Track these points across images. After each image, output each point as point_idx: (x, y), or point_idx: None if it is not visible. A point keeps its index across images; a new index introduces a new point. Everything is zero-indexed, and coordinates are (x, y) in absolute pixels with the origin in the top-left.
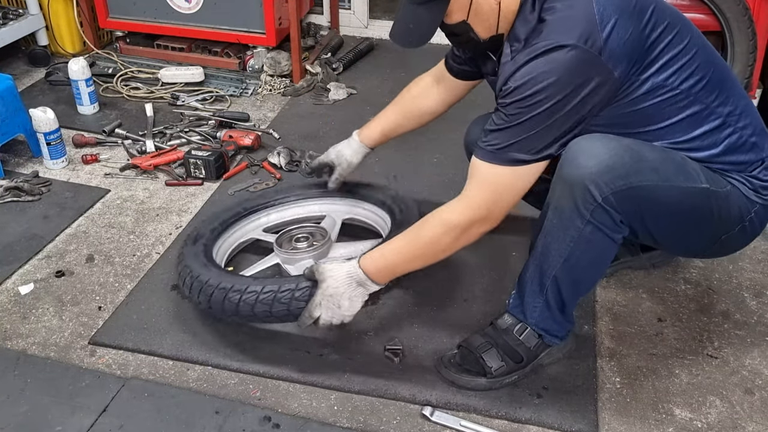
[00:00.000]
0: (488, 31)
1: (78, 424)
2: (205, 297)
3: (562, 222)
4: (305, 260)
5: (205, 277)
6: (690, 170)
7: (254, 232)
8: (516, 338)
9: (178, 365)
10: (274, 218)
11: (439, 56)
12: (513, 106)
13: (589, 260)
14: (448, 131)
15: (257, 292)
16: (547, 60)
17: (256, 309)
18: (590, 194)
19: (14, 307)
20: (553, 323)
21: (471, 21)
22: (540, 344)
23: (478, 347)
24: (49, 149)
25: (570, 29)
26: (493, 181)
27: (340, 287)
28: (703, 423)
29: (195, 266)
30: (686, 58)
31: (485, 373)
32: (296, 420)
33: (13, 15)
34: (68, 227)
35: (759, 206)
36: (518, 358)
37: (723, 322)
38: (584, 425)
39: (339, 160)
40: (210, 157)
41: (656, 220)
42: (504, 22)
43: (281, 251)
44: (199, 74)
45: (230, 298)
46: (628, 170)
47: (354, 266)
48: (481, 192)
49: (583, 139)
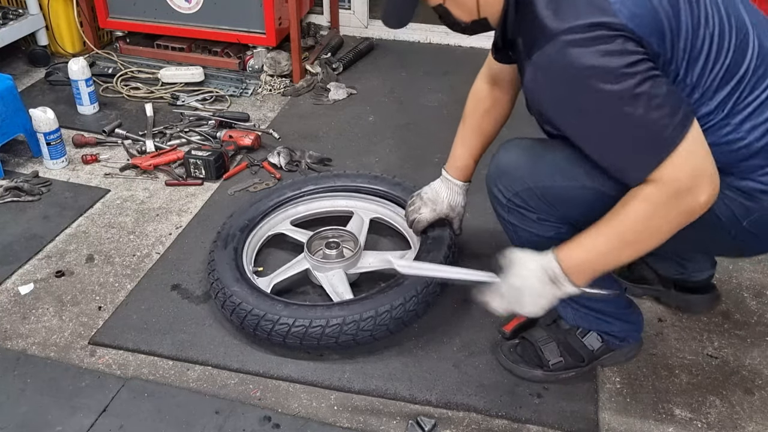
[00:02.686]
0: (469, 15)
1: (78, 424)
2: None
3: (502, 225)
4: (335, 269)
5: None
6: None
7: (282, 225)
8: (578, 340)
9: (178, 365)
10: (302, 210)
11: (438, 56)
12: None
13: None
14: (448, 131)
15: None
16: (573, 50)
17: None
18: (495, 197)
19: (14, 307)
20: (600, 323)
21: (448, 4)
22: (603, 347)
23: (539, 339)
24: (49, 149)
25: (582, 13)
26: (683, 149)
27: (527, 280)
28: (703, 423)
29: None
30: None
31: (542, 365)
32: (296, 420)
33: (13, 15)
34: (68, 227)
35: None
36: (579, 358)
37: (723, 322)
38: (584, 425)
39: (455, 209)
40: (210, 157)
41: (585, 219)
42: (486, 5)
43: (311, 257)
44: (199, 74)
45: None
46: (523, 173)
47: (550, 259)
48: (670, 172)
49: (503, 143)
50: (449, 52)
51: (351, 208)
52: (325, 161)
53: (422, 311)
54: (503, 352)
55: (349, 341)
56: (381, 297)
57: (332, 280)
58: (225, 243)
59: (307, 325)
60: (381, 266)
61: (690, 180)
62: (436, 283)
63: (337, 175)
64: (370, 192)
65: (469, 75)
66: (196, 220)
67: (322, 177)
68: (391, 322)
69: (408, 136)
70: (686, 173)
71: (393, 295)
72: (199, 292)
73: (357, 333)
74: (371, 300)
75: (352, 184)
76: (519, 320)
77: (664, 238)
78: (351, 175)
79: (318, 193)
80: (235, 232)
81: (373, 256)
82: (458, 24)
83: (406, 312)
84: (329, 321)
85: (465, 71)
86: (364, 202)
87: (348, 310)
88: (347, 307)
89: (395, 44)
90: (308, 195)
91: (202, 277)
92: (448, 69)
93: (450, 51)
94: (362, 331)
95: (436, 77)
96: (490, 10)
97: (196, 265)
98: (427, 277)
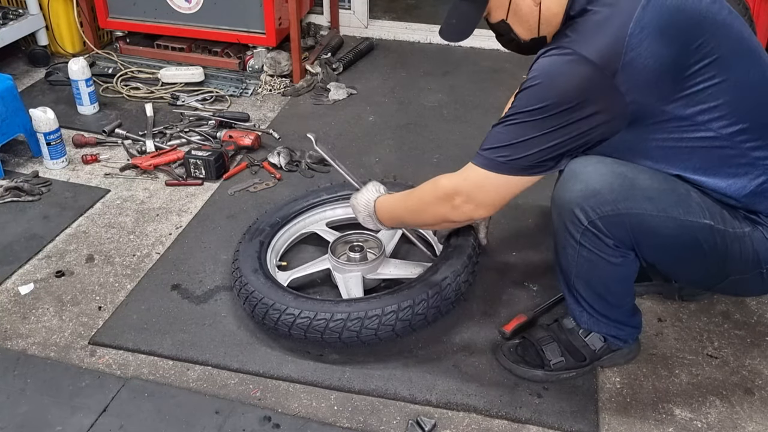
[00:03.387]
0: (529, 33)
1: (78, 424)
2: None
3: (561, 243)
4: (354, 273)
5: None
6: (693, 204)
7: (317, 225)
8: (581, 339)
9: (178, 365)
10: (340, 213)
11: (438, 56)
12: (518, 98)
13: (599, 278)
14: (448, 131)
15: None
16: (555, 61)
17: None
18: (576, 218)
19: (14, 307)
20: (610, 328)
21: (510, 21)
22: (605, 348)
23: (540, 339)
24: (49, 149)
25: (592, 40)
26: (485, 178)
27: (359, 206)
28: (703, 423)
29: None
30: (722, 99)
31: (543, 365)
32: (296, 420)
33: (13, 15)
34: (68, 227)
35: None
36: (580, 358)
37: (723, 322)
38: (584, 425)
39: None
40: (210, 157)
41: (653, 250)
42: (546, 24)
43: (333, 258)
44: (199, 74)
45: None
46: (616, 196)
47: (370, 200)
48: (474, 175)
49: (578, 160)
50: (449, 52)
51: None
52: (325, 161)
53: (432, 317)
54: (503, 352)
55: (352, 338)
56: (388, 297)
57: (348, 282)
58: (252, 236)
59: (312, 317)
60: (399, 274)
61: (463, 197)
62: (450, 291)
63: (382, 182)
64: None
65: (469, 75)
66: (196, 220)
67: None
68: (397, 323)
69: (408, 136)
70: (468, 190)
71: (401, 296)
72: (199, 292)
73: (361, 330)
74: (378, 299)
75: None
76: (519, 320)
77: (426, 221)
78: (388, 183)
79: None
80: (264, 227)
81: (395, 266)
82: (516, 41)
83: (414, 315)
84: (334, 315)
85: (465, 71)
86: None
87: (354, 307)
88: (354, 304)
89: (395, 44)
90: (345, 199)
91: (202, 277)
92: (448, 69)
93: (450, 51)
94: (366, 329)
95: (436, 77)
96: (549, 29)
97: (196, 265)
98: (329, 163)
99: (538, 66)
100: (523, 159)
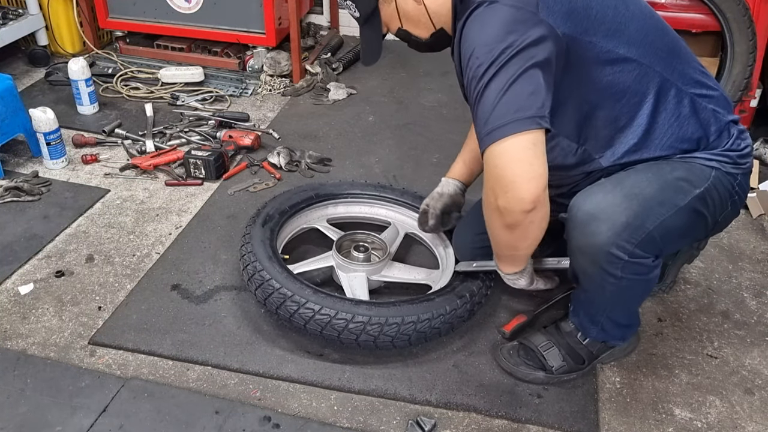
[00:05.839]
0: (427, 30)
1: (78, 424)
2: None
3: (596, 284)
4: (358, 272)
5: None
6: (682, 184)
7: (318, 221)
8: (579, 342)
9: (178, 365)
10: (342, 211)
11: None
12: (471, 80)
13: (636, 298)
14: (447, 131)
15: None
16: (477, 18)
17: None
18: (614, 257)
19: (14, 307)
20: (615, 334)
21: (406, 26)
22: (602, 347)
23: (541, 346)
24: (49, 149)
25: None
26: (500, 153)
27: (512, 279)
28: (703, 423)
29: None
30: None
31: (545, 368)
32: (296, 420)
33: (13, 15)
34: (68, 227)
35: (740, 175)
36: (580, 360)
37: (723, 322)
38: (584, 425)
39: (431, 196)
40: (210, 157)
41: (675, 244)
42: (438, 16)
43: (338, 256)
44: (199, 74)
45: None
46: (642, 219)
47: (508, 276)
48: (489, 172)
49: (582, 197)
50: (449, 52)
51: (389, 219)
52: (325, 161)
53: (445, 331)
54: (503, 354)
55: (368, 342)
56: (410, 306)
57: (353, 282)
58: (264, 222)
59: (332, 315)
60: (403, 277)
61: (498, 189)
62: (465, 310)
63: (384, 187)
64: (411, 207)
65: None
66: (196, 220)
67: (367, 185)
68: (414, 333)
69: (408, 136)
70: (494, 179)
71: (423, 307)
72: (199, 292)
73: (379, 336)
74: (398, 307)
75: (399, 198)
76: (519, 320)
77: (507, 238)
78: (397, 189)
79: (359, 198)
80: (274, 214)
81: (399, 269)
82: (421, 42)
83: (431, 328)
84: (354, 316)
85: None
86: (404, 216)
87: (375, 311)
88: (375, 308)
89: (395, 44)
90: (350, 197)
91: (202, 277)
92: (448, 69)
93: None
94: (384, 335)
95: (435, 77)
96: (443, 20)
97: (196, 265)
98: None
99: (465, 37)
100: (519, 111)
